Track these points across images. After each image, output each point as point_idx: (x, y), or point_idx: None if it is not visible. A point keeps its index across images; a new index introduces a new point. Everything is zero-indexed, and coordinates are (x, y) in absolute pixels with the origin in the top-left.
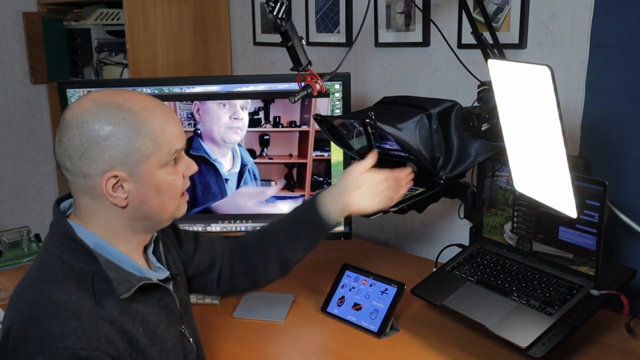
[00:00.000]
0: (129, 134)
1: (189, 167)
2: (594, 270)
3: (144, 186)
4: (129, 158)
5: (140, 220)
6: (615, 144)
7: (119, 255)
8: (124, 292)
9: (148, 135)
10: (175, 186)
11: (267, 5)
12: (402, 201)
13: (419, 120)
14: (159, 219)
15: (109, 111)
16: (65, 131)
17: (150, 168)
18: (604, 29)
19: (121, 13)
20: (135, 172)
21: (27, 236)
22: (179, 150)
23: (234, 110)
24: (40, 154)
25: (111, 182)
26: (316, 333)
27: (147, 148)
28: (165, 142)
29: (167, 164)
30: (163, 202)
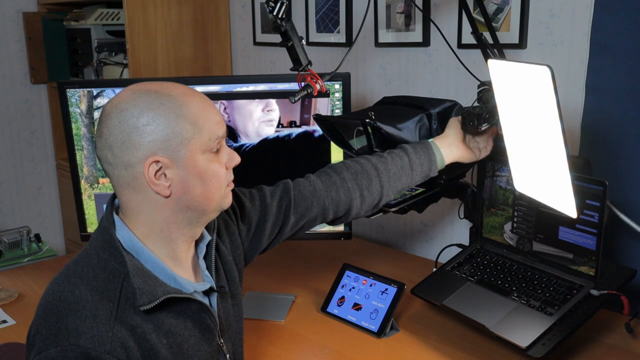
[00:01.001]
0: (169, 118)
1: (231, 158)
2: (594, 270)
3: (187, 172)
4: (170, 142)
5: (184, 212)
6: (615, 144)
7: (152, 260)
8: (145, 303)
9: (187, 119)
10: (218, 175)
11: (267, 5)
12: (402, 201)
13: (419, 120)
14: (203, 209)
15: (147, 97)
16: (105, 122)
17: (192, 153)
18: (604, 29)
19: (121, 13)
20: (177, 158)
21: (27, 236)
22: (220, 137)
23: (266, 102)
24: (40, 154)
25: (153, 169)
26: (316, 333)
27: (187, 131)
28: (205, 127)
29: (208, 151)
30: (207, 191)
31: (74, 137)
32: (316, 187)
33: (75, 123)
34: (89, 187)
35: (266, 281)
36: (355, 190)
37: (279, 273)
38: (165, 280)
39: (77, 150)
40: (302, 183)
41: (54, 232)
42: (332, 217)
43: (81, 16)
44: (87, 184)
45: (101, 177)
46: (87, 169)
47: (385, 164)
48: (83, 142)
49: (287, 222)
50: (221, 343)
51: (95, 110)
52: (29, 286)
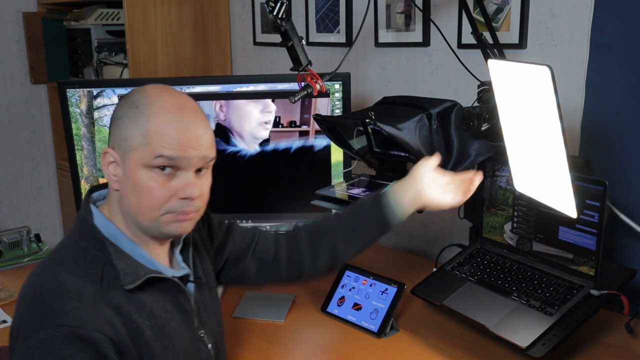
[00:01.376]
0: (131, 122)
1: (184, 189)
2: (594, 270)
3: (126, 177)
4: (122, 143)
5: (128, 216)
6: (615, 144)
7: (131, 246)
8: (129, 282)
9: (142, 129)
10: (153, 194)
11: (267, 5)
12: None
13: (419, 120)
14: (139, 221)
15: (135, 97)
16: None
17: (134, 161)
18: (604, 29)
19: (121, 13)
20: (123, 159)
21: (27, 236)
22: (164, 156)
23: (264, 103)
24: (40, 154)
25: (107, 159)
26: (316, 333)
27: (135, 140)
28: (153, 143)
29: (150, 167)
30: (139, 204)
31: (74, 137)
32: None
33: (75, 123)
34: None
35: None
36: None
37: None
38: (145, 264)
39: (77, 150)
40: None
41: (54, 232)
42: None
43: (81, 16)
44: (87, 184)
45: (101, 177)
46: (87, 169)
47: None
48: (83, 142)
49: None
50: (201, 333)
51: (95, 110)
52: None
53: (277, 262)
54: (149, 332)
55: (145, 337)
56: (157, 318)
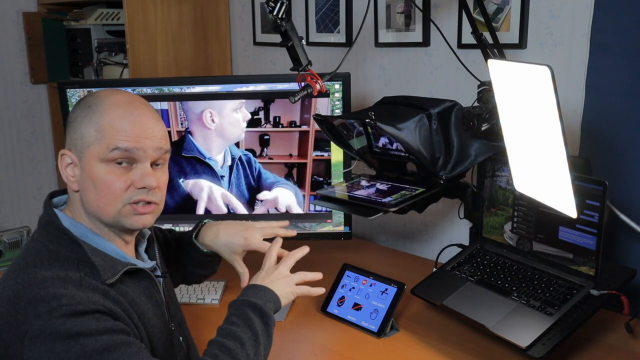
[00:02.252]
0: (84, 120)
1: (142, 179)
2: (594, 270)
3: (84, 175)
4: (77, 142)
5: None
6: (615, 144)
7: (103, 243)
8: (109, 277)
9: (96, 125)
10: (111, 187)
11: (267, 5)
12: (402, 201)
13: (419, 120)
14: (99, 216)
15: (87, 99)
16: None
17: (90, 157)
18: (604, 29)
19: (121, 13)
20: (80, 158)
21: (27, 236)
22: (120, 148)
23: (244, 114)
24: (40, 154)
25: (64, 161)
26: (316, 333)
27: (90, 136)
28: (108, 136)
29: (107, 161)
30: (98, 199)
31: None
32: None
33: None
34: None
35: None
36: None
37: None
38: (119, 258)
39: None
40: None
41: None
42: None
43: (81, 16)
44: None
45: None
46: None
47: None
48: None
49: None
50: (172, 327)
51: None
52: None
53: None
54: (135, 316)
55: (134, 319)
56: (139, 306)
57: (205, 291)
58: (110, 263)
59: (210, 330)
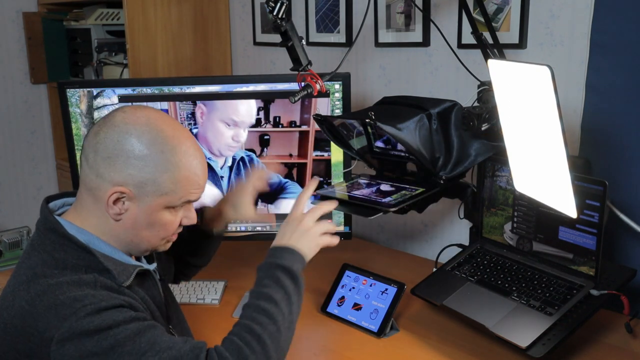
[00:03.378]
0: (158, 168)
1: (188, 217)
2: (594, 270)
3: (142, 215)
4: (146, 186)
5: (124, 241)
6: (615, 144)
7: (110, 250)
8: (124, 279)
9: (173, 178)
10: (168, 228)
11: (267, 5)
12: (402, 201)
13: (419, 120)
14: (140, 247)
15: (155, 137)
16: (107, 128)
17: (158, 205)
18: (604, 29)
19: (121, 13)
20: (142, 200)
21: (27, 236)
22: (192, 201)
23: (237, 132)
24: (40, 154)
25: (115, 196)
26: (316, 333)
27: (166, 187)
28: (184, 190)
29: (172, 207)
30: (151, 236)
31: (74, 137)
32: None
33: (75, 123)
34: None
35: None
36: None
37: None
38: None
39: (77, 150)
40: None
41: None
42: None
43: (81, 16)
44: None
45: None
46: None
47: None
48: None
49: None
50: (170, 328)
51: (95, 110)
52: None
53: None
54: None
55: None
56: (149, 304)
57: (205, 291)
58: (121, 267)
59: (210, 330)
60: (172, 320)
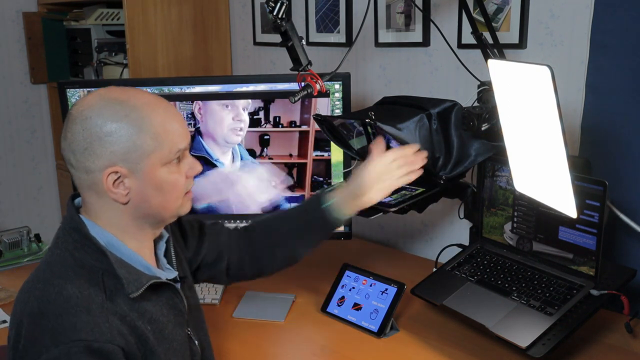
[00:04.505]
0: (131, 131)
1: (192, 167)
2: (594, 270)
3: (145, 183)
4: (130, 155)
5: (144, 218)
6: (615, 144)
7: (129, 253)
8: (133, 290)
9: (150, 133)
10: (177, 185)
11: (267, 5)
12: (402, 201)
13: (419, 120)
14: (162, 216)
15: (112, 107)
16: (70, 126)
17: (152, 166)
18: (604, 28)
19: (121, 13)
20: (136, 169)
21: (27, 236)
22: (181, 149)
23: (236, 111)
24: (40, 154)
25: (112, 178)
26: (316, 333)
27: (148, 146)
28: (167, 140)
29: (169, 163)
30: (165, 201)
31: None
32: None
33: None
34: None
35: (266, 281)
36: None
37: (279, 273)
38: (143, 270)
39: None
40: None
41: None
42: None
43: (81, 16)
44: None
45: None
46: None
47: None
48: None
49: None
50: (189, 331)
51: None
52: None
53: (242, 262)
54: (152, 337)
55: (149, 343)
56: (157, 323)
57: (206, 291)
58: (134, 276)
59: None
60: (191, 324)
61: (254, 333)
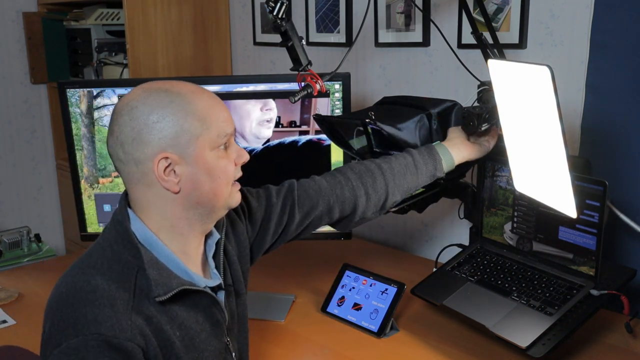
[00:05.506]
0: (178, 115)
1: (240, 155)
2: (594, 270)
3: (195, 169)
4: (179, 139)
5: (194, 208)
6: (615, 144)
7: (166, 254)
8: (160, 294)
9: (196, 116)
10: (227, 171)
11: (267, 5)
12: (402, 201)
13: (419, 120)
14: (213, 205)
15: (157, 96)
16: (116, 120)
17: (201, 149)
18: (604, 28)
19: (121, 13)
20: (186, 154)
21: (27, 236)
22: (229, 134)
23: (264, 101)
24: (40, 154)
25: (162, 165)
26: (316, 333)
27: (195, 128)
28: (213, 124)
29: (217, 147)
30: (216, 187)
31: (74, 137)
32: (321, 186)
33: (75, 123)
34: (89, 187)
35: (266, 281)
36: (360, 188)
37: (279, 273)
38: (179, 274)
39: (77, 150)
40: (306, 182)
41: (54, 232)
42: (338, 216)
43: (81, 16)
44: (87, 184)
45: (101, 177)
46: (87, 169)
47: (389, 163)
48: (83, 142)
49: (292, 221)
50: (227, 341)
51: (95, 110)
52: (29, 286)
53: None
54: (179, 343)
55: (175, 348)
56: (188, 330)
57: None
58: (165, 279)
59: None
60: (232, 333)
61: (254, 333)
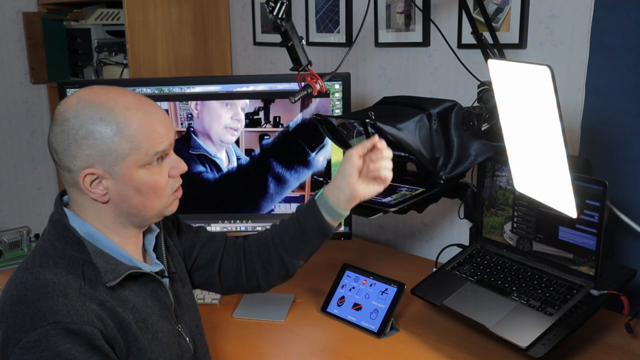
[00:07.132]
0: (105, 135)
1: (175, 167)
2: (594, 270)
3: (122, 185)
4: (106, 157)
5: (125, 217)
6: (615, 144)
7: (109, 245)
8: (110, 279)
9: (124, 137)
10: (157, 186)
11: (267, 5)
12: (402, 201)
13: (419, 120)
14: (143, 215)
15: (89, 110)
16: (52, 126)
17: (128, 168)
18: (604, 28)
19: (121, 13)
20: (112, 171)
21: (27, 236)
22: (160, 152)
23: (235, 111)
24: (40, 154)
25: (89, 179)
26: (316, 333)
27: (123, 149)
28: (143, 144)
29: (148, 164)
30: (145, 200)
31: None
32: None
33: None
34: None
35: None
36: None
37: None
38: (124, 261)
39: None
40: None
41: None
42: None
43: (81, 16)
44: None
45: None
46: None
47: (280, 235)
48: None
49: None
50: (179, 328)
51: None
52: None
53: (238, 272)
54: (135, 325)
55: (131, 329)
56: (140, 312)
57: (206, 291)
58: (113, 265)
59: (210, 330)
60: (182, 321)
61: (253, 333)
